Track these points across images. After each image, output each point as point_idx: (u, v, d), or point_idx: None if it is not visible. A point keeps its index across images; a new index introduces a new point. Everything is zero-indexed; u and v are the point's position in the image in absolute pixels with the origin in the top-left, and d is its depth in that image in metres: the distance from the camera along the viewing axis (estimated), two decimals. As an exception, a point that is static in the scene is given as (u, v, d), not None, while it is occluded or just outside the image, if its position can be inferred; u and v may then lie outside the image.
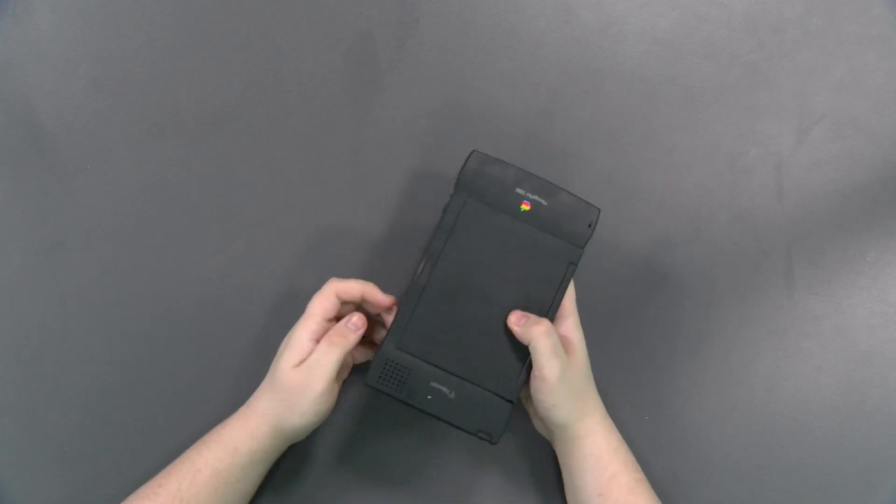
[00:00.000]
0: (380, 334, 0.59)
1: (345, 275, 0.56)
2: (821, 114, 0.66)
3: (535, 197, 0.54)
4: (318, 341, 0.53)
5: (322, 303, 0.54)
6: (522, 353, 0.53)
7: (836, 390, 0.63)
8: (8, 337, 0.61)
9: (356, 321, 0.54)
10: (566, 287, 0.54)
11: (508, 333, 0.53)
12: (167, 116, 0.64)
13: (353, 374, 0.59)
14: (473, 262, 0.53)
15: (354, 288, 0.55)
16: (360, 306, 0.58)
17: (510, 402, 0.53)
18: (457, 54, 0.65)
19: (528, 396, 0.56)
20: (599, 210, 0.54)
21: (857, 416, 0.62)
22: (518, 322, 0.53)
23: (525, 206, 0.54)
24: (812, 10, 0.67)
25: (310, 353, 0.53)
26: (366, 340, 0.58)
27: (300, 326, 0.54)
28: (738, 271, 0.64)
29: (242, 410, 0.55)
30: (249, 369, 0.60)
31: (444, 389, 0.53)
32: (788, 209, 0.65)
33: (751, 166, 0.65)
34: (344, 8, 0.65)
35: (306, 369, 0.52)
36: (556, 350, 0.52)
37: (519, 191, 0.54)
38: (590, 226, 0.54)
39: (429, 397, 0.53)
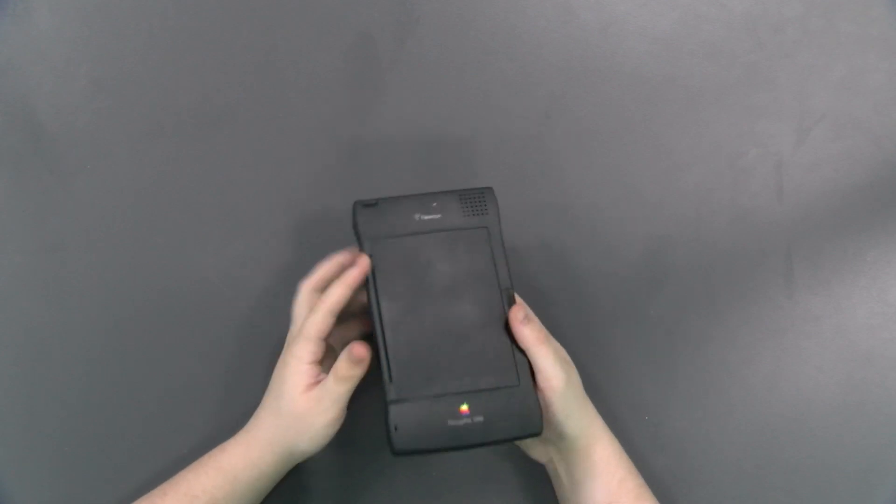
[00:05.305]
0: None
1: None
2: (821, 114, 0.66)
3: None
4: (319, 362, 0.52)
5: (318, 325, 0.51)
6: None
7: (836, 390, 0.62)
8: (8, 337, 0.61)
9: (357, 352, 0.50)
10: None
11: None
12: (167, 116, 0.64)
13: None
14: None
15: (328, 274, 0.55)
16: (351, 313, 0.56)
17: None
18: (457, 54, 0.65)
19: None
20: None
21: (857, 416, 0.62)
22: (519, 318, 0.51)
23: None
24: (812, 10, 0.67)
25: (317, 378, 0.51)
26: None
27: (300, 349, 0.51)
28: (738, 271, 0.64)
29: (243, 437, 0.53)
30: (250, 370, 0.60)
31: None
32: (788, 209, 0.65)
33: (751, 166, 0.65)
34: (344, 8, 0.65)
35: (316, 397, 0.50)
36: (558, 355, 0.51)
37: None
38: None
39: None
